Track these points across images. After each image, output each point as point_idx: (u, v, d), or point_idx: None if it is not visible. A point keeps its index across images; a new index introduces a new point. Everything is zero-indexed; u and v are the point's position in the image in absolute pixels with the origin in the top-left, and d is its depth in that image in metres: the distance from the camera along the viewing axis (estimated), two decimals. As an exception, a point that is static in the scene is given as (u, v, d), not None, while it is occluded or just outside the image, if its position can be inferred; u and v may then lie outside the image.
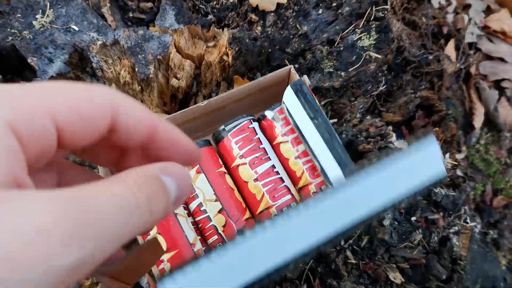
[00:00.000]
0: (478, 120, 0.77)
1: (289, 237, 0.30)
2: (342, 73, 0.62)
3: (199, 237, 0.44)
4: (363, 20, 0.64)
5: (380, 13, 0.65)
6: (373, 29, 0.63)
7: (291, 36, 0.64)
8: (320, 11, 0.64)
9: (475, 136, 0.77)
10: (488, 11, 0.83)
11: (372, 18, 0.65)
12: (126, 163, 0.28)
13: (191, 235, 0.42)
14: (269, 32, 0.63)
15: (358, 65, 0.62)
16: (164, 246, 0.39)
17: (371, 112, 0.67)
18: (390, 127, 0.66)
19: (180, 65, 0.60)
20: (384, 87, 0.65)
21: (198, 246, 0.43)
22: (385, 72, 0.66)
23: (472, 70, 0.78)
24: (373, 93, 0.64)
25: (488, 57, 0.81)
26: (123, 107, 0.23)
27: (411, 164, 0.33)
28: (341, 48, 0.63)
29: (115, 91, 0.23)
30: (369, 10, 0.65)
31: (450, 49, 0.76)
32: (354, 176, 0.31)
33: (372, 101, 0.65)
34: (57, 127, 0.20)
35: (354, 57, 0.62)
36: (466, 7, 0.81)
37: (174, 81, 0.60)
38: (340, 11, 0.65)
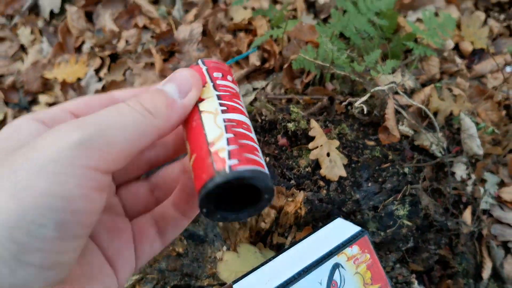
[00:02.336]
0: (486, 273, 0.98)
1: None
2: (382, 233, 0.86)
3: (229, 135, 0.33)
4: (400, 194, 0.89)
5: (413, 190, 0.90)
6: (407, 202, 0.88)
7: (347, 200, 0.89)
8: (370, 184, 0.90)
9: (483, 286, 0.98)
10: (501, 184, 1.06)
11: (407, 193, 0.90)
12: None
13: (213, 132, 0.33)
14: (331, 195, 0.89)
15: (394, 228, 0.86)
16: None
17: (400, 261, 0.90)
18: (414, 275, 0.88)
19: (268, 214, 0.86)
20: (412, 244, 0.89)
21: (221, 144, 0.33)
22: (414, 231, 0.90)
23: (485, 231, 1.00)
24: (402, 249, 0.88)
25: (499, 222, 1.03)
26: None
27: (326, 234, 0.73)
28: (382, 214, 0.87)
29: None
30: (405, 187, 0.90)
31: (467, 214, 0.99)
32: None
33: (402, 254, 0.89)
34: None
35: (391, 222, 0.87)
36: (483, 181, 1.05)
37: (262, 224, 0.86)
38: (384, 185, 0.90)
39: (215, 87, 0.36)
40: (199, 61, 0.38)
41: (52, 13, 1.57)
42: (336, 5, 1.16)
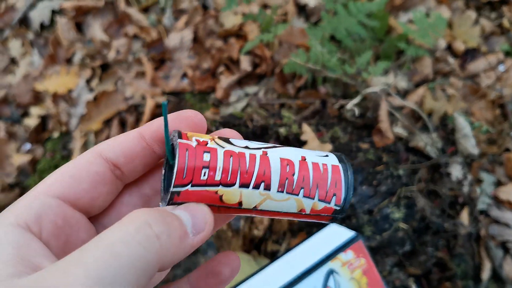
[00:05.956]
0: (485, 274, 0.96)
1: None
2: (378, 237, 0.85)
3: None
4: (395, 197, 0.88)
5: (408, 193, 0.89)
6: (402, 205, 0.87)
7: (341, 204, 0.88)
8: (364, 188, 0.89)
9: (483, 287, 0.96)
10: (498, 184, 1.05)
11: (402, 196, 0.88)
12: None
13: None
14: (325, 200, 0.88)
15: (390, 231, 0.85)
16: None
17: (398, 265, 0.88)
18: (412, 279, 0.87)
19: (261, 221, 0.85)
20: (409, 247, 0.87)
21: None
22: (410, 234, 0.88)
23: (482, 232, 0.99)
24: (399, 252, 0.86)
25: (496, 222, 1.02)
26: None
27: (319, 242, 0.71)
28: (378, 218, 0.86)
29: None
30: (400, 189, 0.89)
31: (464, 215, 0.98)
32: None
33: (399, 258, 0.87)
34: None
35: (387, 225, 0.85)
36: (480, 181, 1.04)
37: (256, 231, 0.85)
38: (378, 188, 0.89)
39: None
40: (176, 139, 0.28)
41: (42, 25, 1.56)
42: (326, 8, 1.15)
